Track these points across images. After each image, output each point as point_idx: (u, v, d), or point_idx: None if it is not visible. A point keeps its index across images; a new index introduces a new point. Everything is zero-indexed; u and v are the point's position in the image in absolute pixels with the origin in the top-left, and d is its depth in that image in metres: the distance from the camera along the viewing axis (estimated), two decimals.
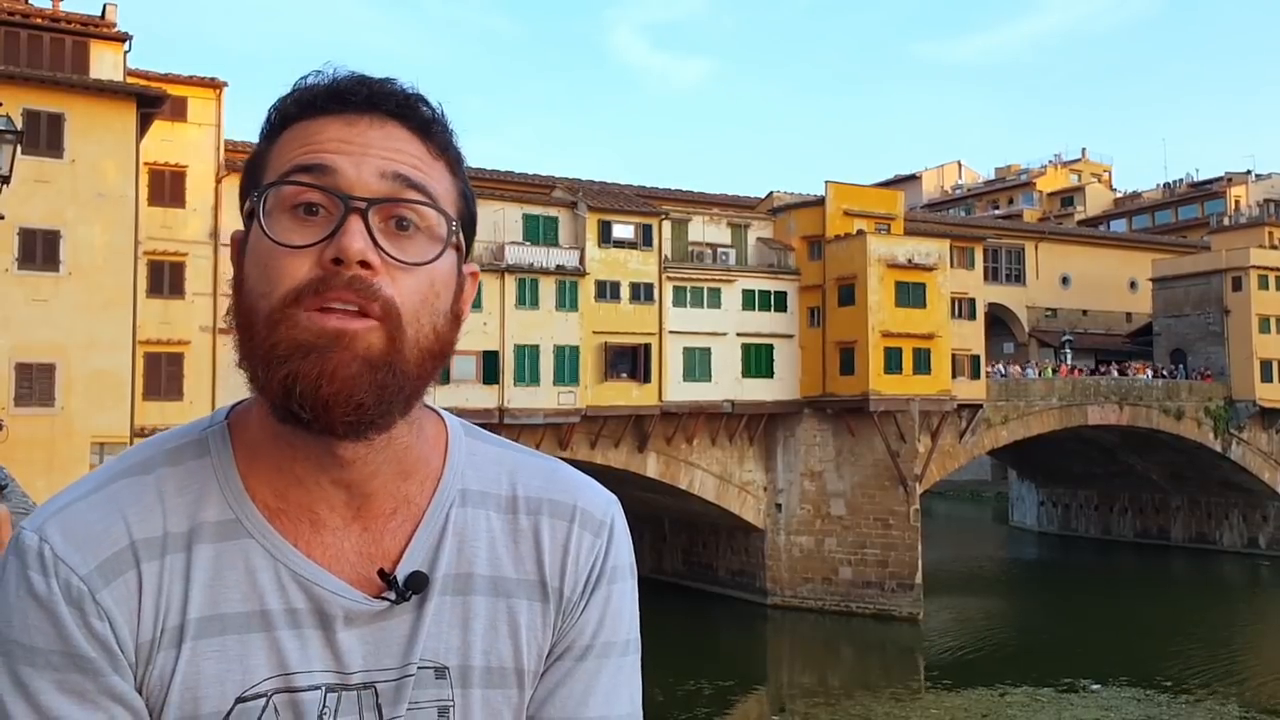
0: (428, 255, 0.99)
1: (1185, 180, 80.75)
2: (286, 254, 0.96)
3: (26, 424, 22.81)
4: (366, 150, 0.99)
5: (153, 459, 1.04)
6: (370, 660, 1.02)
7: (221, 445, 1.05)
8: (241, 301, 0.98)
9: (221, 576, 1.00)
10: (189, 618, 0.98)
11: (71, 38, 26.79)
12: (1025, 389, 43.61)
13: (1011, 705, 27.04)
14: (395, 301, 0.96)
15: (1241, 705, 27.15)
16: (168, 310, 29.63)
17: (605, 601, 1.13)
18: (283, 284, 0.95)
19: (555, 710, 1.10)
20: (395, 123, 1.01)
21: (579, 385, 35.03)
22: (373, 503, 1.05)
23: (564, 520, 1.12)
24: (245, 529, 1.01)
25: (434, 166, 1.02)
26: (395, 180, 0.98)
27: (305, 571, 1.01)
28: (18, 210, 23.18)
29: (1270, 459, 48.53)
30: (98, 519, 0.99)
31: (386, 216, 0.97)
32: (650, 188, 43.90)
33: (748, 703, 29.27)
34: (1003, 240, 53.51)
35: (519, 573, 1.10)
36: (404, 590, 1.03)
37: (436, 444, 1.12)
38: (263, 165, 1.02)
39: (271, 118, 1.04)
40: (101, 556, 0.97)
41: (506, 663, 1.08)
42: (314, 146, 0.99)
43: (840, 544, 37.60)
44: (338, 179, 0.97)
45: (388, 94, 1.02)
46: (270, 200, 0.98)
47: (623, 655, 1.15)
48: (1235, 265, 49.00)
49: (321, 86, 1.02)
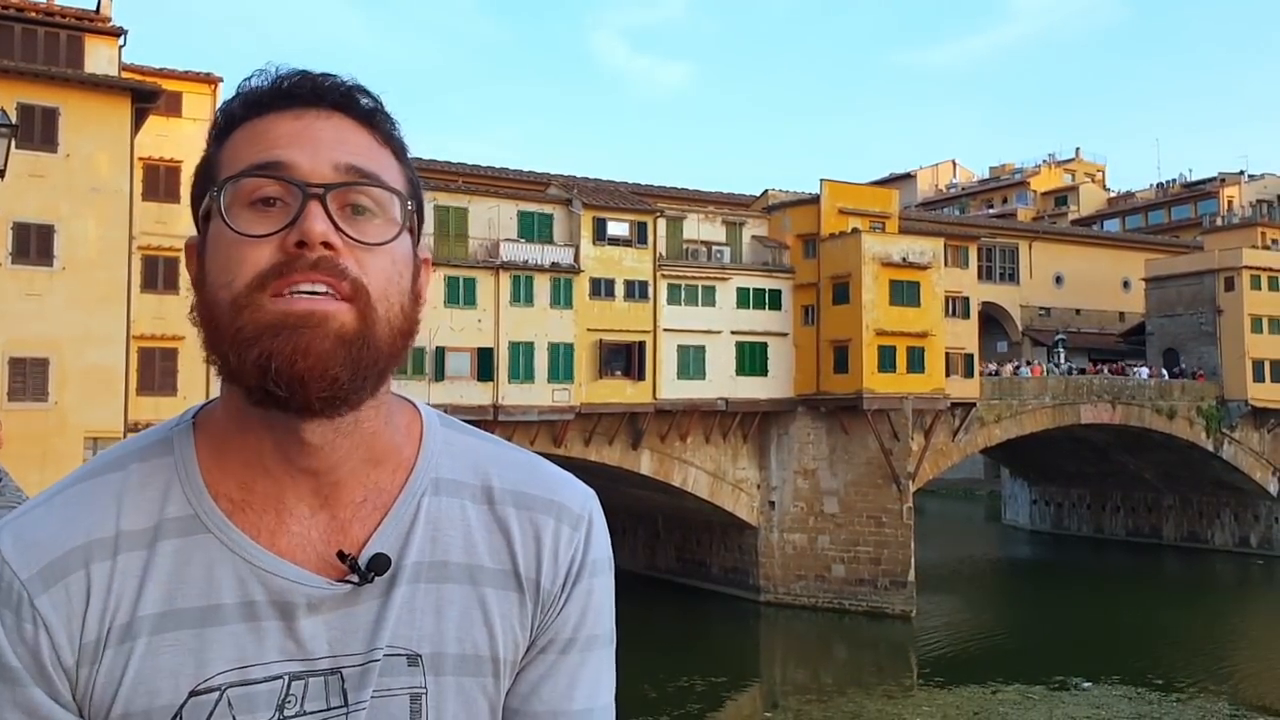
0: (386, 236, 1.01)
1: (1179, 180, 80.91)
2: (248, 243, 0.97)
3: (20, 419, 22.75)
4: (318, 142, 1.01)
5: (125, 456, 1.07)
6: (337, 645, 1.03)
7: (185, 443, 1.07)
8: (204, 296, 1.00)
9: (179, 572, 1.01)
10: (142, 614, 0.99)
11: (66, 32, 26.70)
12: (1018, 387, 43.69)
13: (1003, 703, 27.11)
14: (363, 281, 0.98)
15: (1232, 703, 27.24)
16: (162, 305, 29.56)
17: (587, 595, 1.14)
18: (245, 272, 0.97)
19: (541, 703, 1.12)
20: (340, 114, 1.04)
21: (573, 382, 35.04)
22: (341, 490, 1.06)
23: (542, 514, 1.13)
24: (204, 524, 1.03)
25: (381, 154, 1.05)
26: (348, 170, 1.01)
27: (264, 564, 1.02)
28: (12, 204, 23.14)
29: (1262, 459, 48.68)
30: (51, 523, 1.01)
31: (342, 204, 1.00)
32: (645, 185, 43.80)
33: (740, 699, 29.30)
34: (997, 239, 53.60)
35: (495, 563, 1.11)
36: (366, 572, 1.03)
37: (410, 433, 1.13)
38: (214, 166, 1.04)
39: (218, 121, 1.06)
40: (46, 560, 0.98)
41: (481, 650, 1.09)
42: (266, 143, 1.01)
43: (833, 541, 37.66)
44: (293, 171, 0.99)
45: (331, 87, 1.04)
46: (228, 196, 0.99)
47: (603, 648, 1.16)
48: (1228, 265, 49.11)
49: (267, 86, 1.04)
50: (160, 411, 28.61)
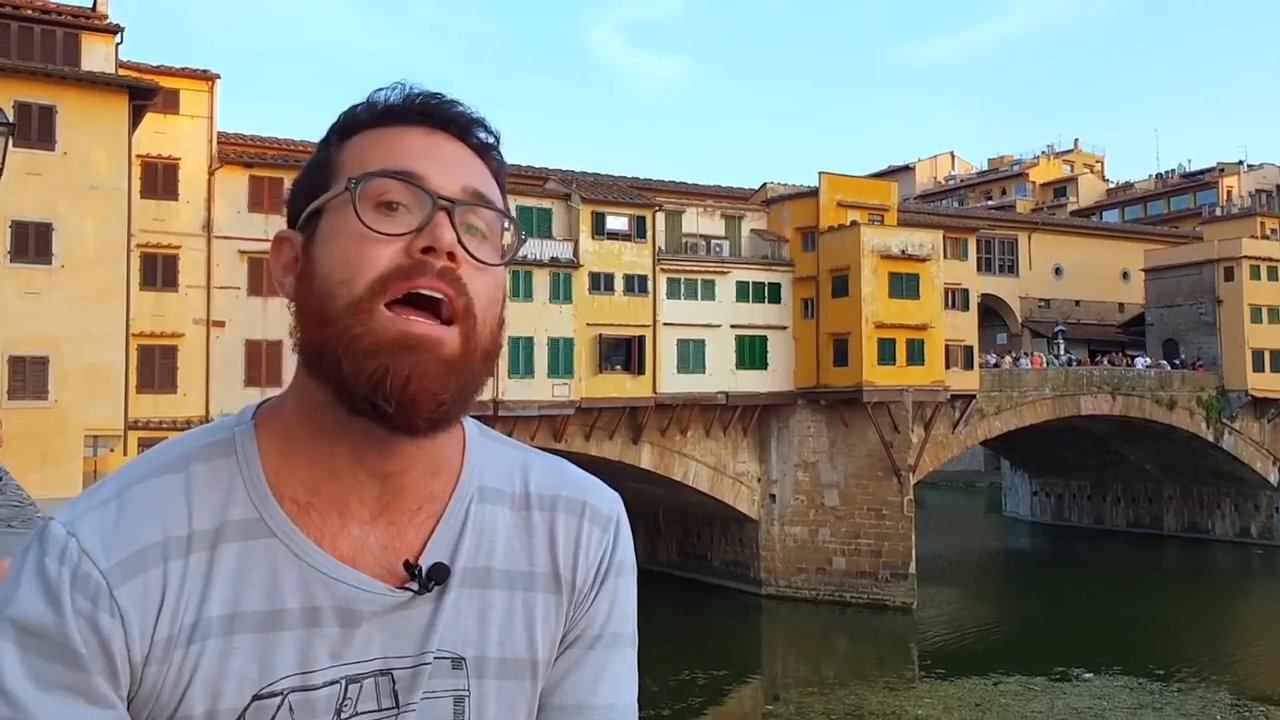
0: (496, 259, 1.05)
1: (1177, 171, 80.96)
2: (375, 240, 0.99)
3: (20, 417, 22.73)
4: (448, 161, 1.04)
5: (187, 455, 1.06)
6: (389, 648, 1.05)
7: (247, 444, 1.07)
8: (313, 290, 1.01)
9: (244, 575, 1.02)
10: (209, 615, 1.00)
11: (63, 29, 26.66)
12: (1018, 379, 43.72)
13: (1004, 694, 27.16)
14: (473, 300, 1.01)
15: (1233, 693, 27.29)
16: (161, 303, 29.57)
17: (614, 594, 1.18)
18: (367, 270, 0.98)
19: (566, 696, 1.14)
20: (462, 141, 1.07)
21: (573, 377, 35.05)
22: (401, 498, 1.08)
23: (575, 516, 1.17)
24: (269, 528, 1.03)
25: (492, 185, 1.08)
26: (472, 194, 1.04)
27: (328, 569, 1.03)
28: (10, 203, 23.13)
29: (1262, 449, 48.71)
30: (127, 516, 1.00)
31: (462, 222, 1.02)
32: (644, 179, 43.77)
33: (742, 692, 29.36)
34: (996, 231, 53.51)
35: (533, 566, 1.14)
36: (426, 581, 1.05)
37: (456, 442, 1.15)
38: (330, 166, 1.05)
39: (341, 123, 1.08)
40: (126, 552, 0.99)
41: (521, 654, 1.11)
42: (398, 152, 1.03)
43: (834, 534, 37.71)
44: (425, 182, 1.01)
45: (460, 114, 1.08)
46: (361, 190, 1.01)
47: (627, 646, 1.20)
48: (1227, 255, 49.12)
49: (400, 100, 1.07)
50: (160, 409, 28.61)
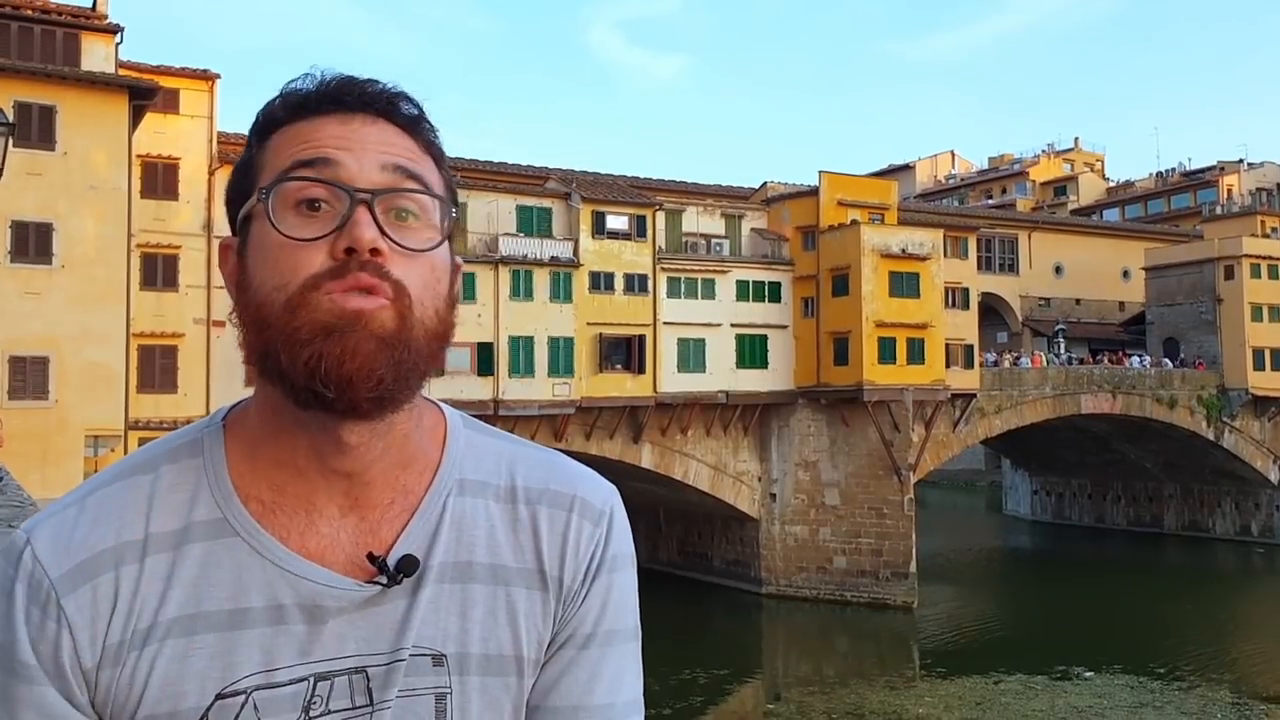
0: (429, 243, 1.03)
1: (1178, 169, 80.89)
2: (298, 247, 0.98)
3: (20, 417, 22.73)
4: (364, 145, 1.02)
5: (157, 457, 1.07)
6: (362, 645, 1.03)
7: (215, 445, 1.07)
8: (250, 298, 1.00)
9: (207, 575, 1.01)
10: (166, 618, 1.00)
11: (62, 29, 26.63)
12: (1018, 378, 43.70)
13: (1005, 693, 27.17)
14: (404, 284, 0.99)
15: (1234, 692, 27.29)
16: (161, 303, 29.56)
17: (607, 590, 1.15)
18: (299, 274, 0.97)
19: (560, 698, 1.11)
20: (384, 120, 1.05)
21: (574, 376, 35.04)
22: (371, 492, 1.07)
23: (563, 510, 1.14)
24: (232, 528, 1.03)
25: (424, 160, 1.06)
26: (395, 171, 1.02)
27: (292, 567, 1.02)
28: (10, 203, 23.13)
29: (1263, 447, 48.70)
30: (84, 523, 1.01)
31: (387, 208, 1.00)
32: (644, 178, 43.77)
33: (743, 691, 29.36)
34: (996, 230, 53.46)
35: (518, 561, 1.11)
36: (395, 574, 1.03)
37: (435, 435, 1.13)
38: (255, 168, 1.04)
39: (260, 121, 1.06)
40: (77, 560, 0.99)
41: (505, 650, 1.09)
42: (311, 144, 1.01)
43: (834, 533, 37.71)
44: (340, 171, 1.00)
45: (377, 93, 1.05)
46: (275, 198, 1.00)
47: (625, 643, 1.16)
48: (1228, 254, 49.10)
49: (313, 89, 1.05)
50: (160, 409, 28.60)
